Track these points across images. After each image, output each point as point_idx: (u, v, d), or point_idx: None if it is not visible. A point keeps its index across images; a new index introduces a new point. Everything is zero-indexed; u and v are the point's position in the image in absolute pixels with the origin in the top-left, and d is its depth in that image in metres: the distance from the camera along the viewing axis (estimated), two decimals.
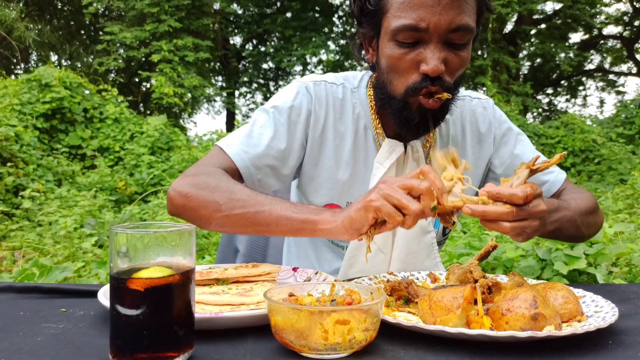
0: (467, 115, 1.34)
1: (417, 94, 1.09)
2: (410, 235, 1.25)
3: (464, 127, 1.33)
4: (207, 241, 4.50)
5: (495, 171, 1.35)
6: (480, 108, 1.35)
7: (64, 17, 15.38)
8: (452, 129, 1.32)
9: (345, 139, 1.26)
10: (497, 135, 1.34)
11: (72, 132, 8.17)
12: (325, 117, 1.25)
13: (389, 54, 1.10)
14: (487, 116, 1.34)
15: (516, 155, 1.33)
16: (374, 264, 1.25)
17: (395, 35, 1.08)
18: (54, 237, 4.45)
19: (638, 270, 2.33)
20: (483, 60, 12.94)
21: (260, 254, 1.63)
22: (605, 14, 16.14)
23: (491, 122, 1.34)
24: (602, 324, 0.76)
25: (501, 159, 1.34)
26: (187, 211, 1.11)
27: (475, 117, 1.34)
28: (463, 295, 0.78)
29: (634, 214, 4.62)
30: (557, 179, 1.30)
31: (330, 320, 0.69)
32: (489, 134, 1.34)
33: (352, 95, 1.28)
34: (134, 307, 0.67)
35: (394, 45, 1.09)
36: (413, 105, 1.11)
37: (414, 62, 1.08)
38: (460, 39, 1.07)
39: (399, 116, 1.14)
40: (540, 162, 0.92)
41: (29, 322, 0.87)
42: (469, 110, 1.34)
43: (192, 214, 1.10)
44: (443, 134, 1.32)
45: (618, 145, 9.90)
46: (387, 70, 1.13)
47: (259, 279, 1.05)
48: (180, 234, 0.70)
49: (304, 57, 14.70)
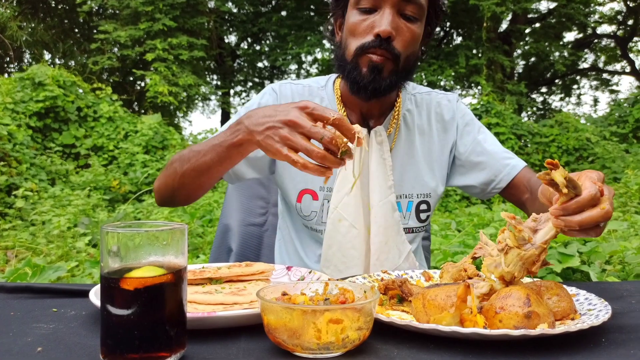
0: (433, 106, 1.45)
1: (365, 53, 1.22)
2: (385, 210, 1.32)
3: (429, 117, 1.43)
4: (202, 240, 4.49)
5: (460, 157, 1.43)
6: (445, 100, 1.46)
7: (58, 16, 15.28)
8: (418, 119, 1.42)
9: None
10: (460, 124, 1.44)
11: (66, 131, 8.13)
12: None
13: (351, 21, 1.25)
14: (451, 107, 1.45)
15: (478, 141, 1.41)
16: (348, 239, 1.32)
17: (357, 2, 1.23)
18: (47, 236, 4.43)
19: (631, 268, 2.34)
20: (478, 60, 12.97)
21: (253, 253, 1.63)
22: (599, 13, 16.21)
23: (454, 111, 1.45)
24: (595, 322, 0.76)
25: (465, 145, 1.42)
26: (161, 192, 1.28)
27: (441, 107, 1.45)
28: (456, 294, 0.78)
29: (627, 212, 4.64)
30: (516, 163, 1.37)
31: (323, 319, 0.69)
32: (453, 121, 1.44)
33: (318, 90, 1.41)
34: (124, 307, 0.66)
35: (356, 13, 1.24)
36: (362, 64, 1.23)
37: (369, 27, 1.22)
38: (412, 12, 1.22)
39: (350, 77, 1.25)
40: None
41: (20, 322, 0.86)
42: (434, 102, 1.45)
43: (166, 193, 1.27)
44: (409, 123, 1.41)
45: (612, 144, 9.96)
46: (347, 37, 1.27)
47: (253, 278, 1.04)
48: (171, 232, 0.70)
49: (299, 56, 14.68)
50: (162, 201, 1.32)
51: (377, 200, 1.33)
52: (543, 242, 0.84)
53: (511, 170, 1.37)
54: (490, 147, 1.41)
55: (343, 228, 1.31)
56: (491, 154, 1.40)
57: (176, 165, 1.21)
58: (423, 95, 1.45)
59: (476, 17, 13.42)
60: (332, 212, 1.32)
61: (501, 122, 9.77)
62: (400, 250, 1.34)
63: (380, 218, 1.32)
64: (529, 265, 0.84)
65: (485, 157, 1.40)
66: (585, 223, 0.81)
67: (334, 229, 1.32)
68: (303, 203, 1.37)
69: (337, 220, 1.31)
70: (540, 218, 0.87)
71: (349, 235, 1.32)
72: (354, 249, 1.31)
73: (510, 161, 1.38)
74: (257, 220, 1.68)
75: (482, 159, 1.40)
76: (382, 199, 1.33)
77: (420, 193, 1.39)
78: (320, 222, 1.37)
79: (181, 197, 1.26)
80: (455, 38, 15.93)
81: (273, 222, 1.66)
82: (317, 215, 1.37)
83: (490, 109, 9.96)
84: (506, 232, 0.86)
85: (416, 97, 1.45)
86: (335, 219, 1.31)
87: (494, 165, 1.39)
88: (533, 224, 0.86)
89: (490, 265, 0.86)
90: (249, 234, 1.65)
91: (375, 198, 1.33)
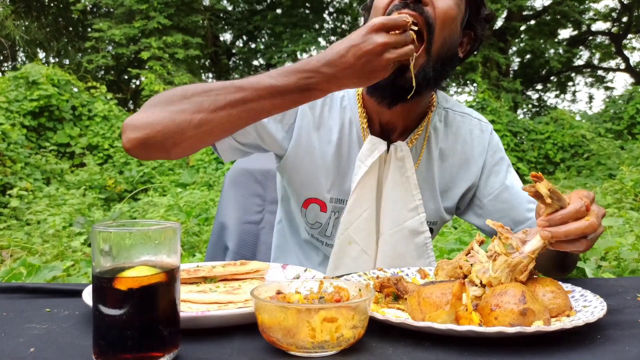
0: (463, 133, 1.30)
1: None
2: (396, 239, 1.23)
3: (455, 143, 1.30)
4: (198, 239, 4.48)
5: (482, 199, 1.31)
6: (478, 130, 1.32)
7: (52, 14, 15.20)
8: (443, 142, 1.29)
9: (332, 132, 1.25)
10: (489, 163, 1.31)
11: (61, 130, 8.09)
12: (313, 106, 1.24)
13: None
14: (482, 140, 1.31)
15: (507, 187, 1.29)
16: (359, 265, 1.23)
17: None
18: (42, 236, 4.41)
19: (626, 265, 2.34)
20: (473, 57, 12.97)
21: (250, 251, 1.62)
22: (594, 10, 16.26)
23: (485, 148, 1.31)
24: (590, 319, 0.76)
25: (491, 188, 1.30)
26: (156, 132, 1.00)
27: (472, 137, 1.30)
28: (452, 291, 0.78)
29: (622, 208, 4.66)
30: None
31: (318, 318, 0.68)
32: (480, 158, 1.30)
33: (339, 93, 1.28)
34: (117, 307, 0.66)
35: None
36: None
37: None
38: None
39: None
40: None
41: (12, 323, 0.85)
42: (466, 129, 1.31)
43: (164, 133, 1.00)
44: (431, 144, 1.28)
45: (607, 141, 9.99)
46: (373, 15, 1.13)
47: (247, 276, 1.04)
48: (164, 232, 0.69)
49: (294, 54, 14.64)
50: (147, 145, 1.02)
51: (388, 227, 1.22)
52: (531, 252, 0.85)
53: (532, 223, 1.25)
54: (516, 194, 1.28)
55: (354, 252, 1.22)
56: (515, 203, 1.28)
57: (201, 99, 0.98)
58: (456, 115, 1.31)
59: None
60: (342, 234, 1.22)
61: (497, 119, 9.79)
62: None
63: (389, 248, 1.22)
64: (517, 274, 0.85)
65: (508, 205, 1.28)
66: (571, 233, 0.83)
67: (343, 251, 1.23)
68: (309, 211, 1.29)
69: (346, 243, 1.22)
70: (530, 231, 0.90)
71: (359, 260, 1.23)
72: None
73: (532, 214, 1.25)
74: (253, 218, 1.66)
75: (505, 206, 1.28)
76: (395, 227, 1.22)
77: (429, 221, 1.29)
78: (323, 235, 1.31)
79: (189, 143, 1.01)
80: None
81: (269, 220, 1.64)
82: (322, 227, 1.30)
83: (485, 106, 9.98)
84: (495, 241, 0.89)
85: (448, 114, 1.31)
86: (345, 241, 1.22)
87: (516, 217, 1.27)
88: (522, 236, 0.89)
89: (479, 271, 0.87)
90: (245, 232, 1.64)
91: (386, 225, 1.22)
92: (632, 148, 9.31)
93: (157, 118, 1.01)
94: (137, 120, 1.03)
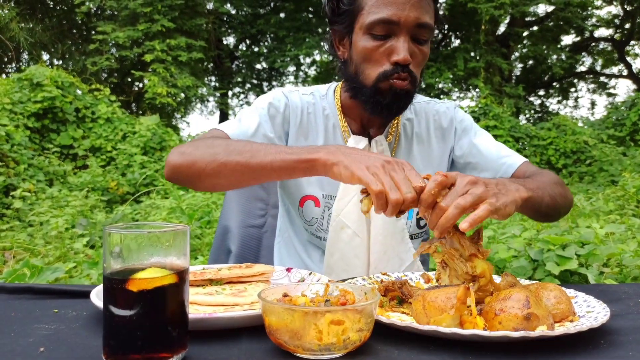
0: (431, 114, 1.45)
1: (388, 79, 1.22)
2: (386, 219, 1.31)
3: (428, 125, 1.44)
4: (200, 242, 4.48)
5: (458, 161, 1.44)
6: (444, 108, 1.47)
7: (56, 17, 15.27)
8: (417, 127, 1.43)
9: (318, 137, 1.38)
10: (458, 129, 1.45)
11: (64, 132, 8.11)
12: (300, 117, 1.37)
13: (363, 46, 1.23)
14: (449, 114, 1.46)
15: (474, 144, 1.42)
16: (352, 248, 1.31)
17: (370, 28, 1.21)
18: (45, 237, 4.42)
19: (629, 271, 2.34)
20: (476, 62, 13.01)
21: (252, 255, 1.63)
22: (597, 16, 16.26)
23: (453, 118, 1.45)
24: (594, 324, 0.77)
25: (461, 148, 1.43)
26: (182, 169, 1.16)
27: (439, 115, 1.46)
28: (456, 296, 0.79)
29: (624, 214, 4.66)
30: (513, 161, 1.37)
31: (325, 320, 0.69)
32: (451, 128, 1.45)
33: (321, 100, 1.41)
34: (127, 308, 0.67)
35: (368, 38, 1.23)
36: (384, 89, 1.23)
37: (385, 53, 1.22)
38: (424, 35, 1.23)
39: (371, 101, 1.25)
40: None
41: (21, 323, 0.86)
42: (433, 111, 1.46)
43: (187, 170, 1.15)
44: (408, 132, 1.42)
45: (609, 147, 9.98)
46: (360, 61, 1.25)
47: (253, 279, 1.04)
48: (174, 234, 0.70)
49: (297, 58, 14.71)
50: (177, 179, 1.21)
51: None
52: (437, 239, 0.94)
53: (508, 168, 1.36)
54: (486, 148, 1.41)
55: (346, 236, 1.31)
56: (487, 154, 1.40)
57: (220, 151, 1.11)
58: (422, 104, 1.46)
59: (474, 20, 13.46)
60: (334, 220, 1.31)
61: (499, 124, 9.80)
62: (402, 259, 1.33)
63: (380, 227, 1.31)
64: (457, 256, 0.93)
65: (482, 158, 1.40)
66: (448, 214, 0.89)
67: (337, 237, 1.31)
68: (305, 208, 1.37)
69: (339, 228, 1.31)
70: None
71: (352, 243, 1.31)
72: (356, 258, 1.30)
73: (507, 159, 1.38)
74: (256, 222, 1.68)
75: (479, 159, 1.40)
76: None
77: None
78: (320, 229, 1.37)
79: (207, 184, 1.16)
80: (454, 41, 15.97)
81: (272, 224, 1.66)
82: (318, 222, 1.37)
83: (488, 112, 9.99)
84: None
85: (415, 107, 1.45)
86: (338, 227, 1.31)
87: (491, 166, 1.39)
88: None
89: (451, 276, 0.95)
90: (248, 235, 1.65)
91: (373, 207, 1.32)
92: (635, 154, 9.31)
93: (183, 161, 1.17)
94: (173, 160, 1.19)
